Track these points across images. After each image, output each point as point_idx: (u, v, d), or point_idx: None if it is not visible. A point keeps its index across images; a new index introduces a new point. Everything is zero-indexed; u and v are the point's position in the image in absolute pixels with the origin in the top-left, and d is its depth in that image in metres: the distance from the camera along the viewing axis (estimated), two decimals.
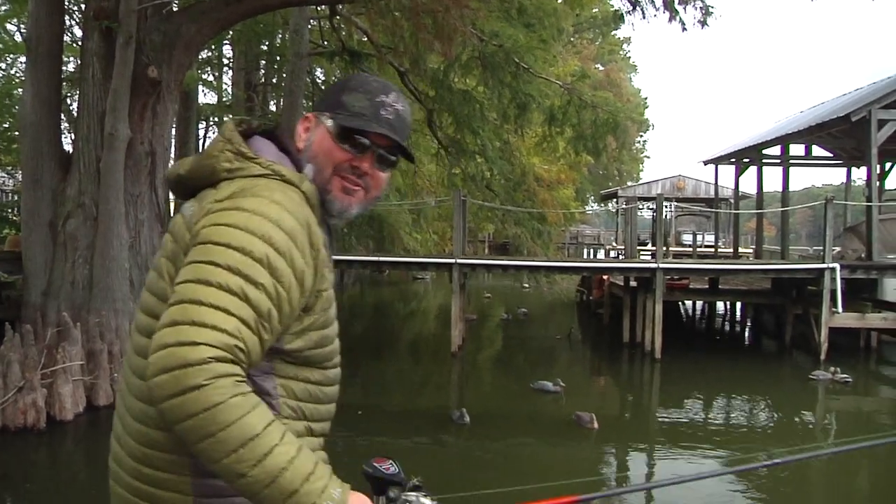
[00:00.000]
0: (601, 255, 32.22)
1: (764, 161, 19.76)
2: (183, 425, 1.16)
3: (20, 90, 13.01)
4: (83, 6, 10.92)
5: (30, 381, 7.78)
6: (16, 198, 17.01)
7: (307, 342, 1.40)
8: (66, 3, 11.62)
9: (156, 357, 1.18)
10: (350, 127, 1.46)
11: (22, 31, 16.80)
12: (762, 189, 20.24)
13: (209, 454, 1.16)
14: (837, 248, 15.39)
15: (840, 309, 12.67)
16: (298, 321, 1.37)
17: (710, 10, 12.18)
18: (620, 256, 22.08)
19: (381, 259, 15.08)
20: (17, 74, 18.32)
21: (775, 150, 19.08)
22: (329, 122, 1.48)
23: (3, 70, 20.73)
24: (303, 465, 1.19)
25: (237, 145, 1.43)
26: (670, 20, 12.09)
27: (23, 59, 11.69)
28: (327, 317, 1.45)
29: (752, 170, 20.55)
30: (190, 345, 1.16)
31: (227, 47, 20.24)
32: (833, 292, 12.61)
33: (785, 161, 18.50)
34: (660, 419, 9.88)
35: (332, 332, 1.48)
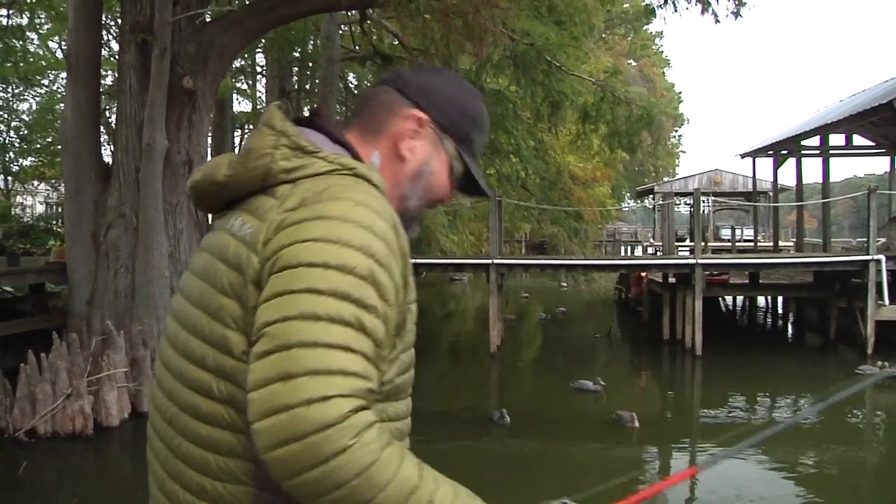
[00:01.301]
0: (638, 252, 31.95)
1: (803, 152, 19.40)
2: (328, 498, 0.93)
3: (62, 105, 13.31)
4: (120, 21, 11.12)
5: (77, 388, 7.96)
6: (60, 210, 17.44)
7: (399, 367, 1.18)
8: (104, 19, 11.85)
9: (273, 423, 0.93)
10: (470, 174, 1.32)
11: (63, 47, 17.21)
12: (801, 181, 19.88)
13: None
14: (883, 239, 15.06)
15: (887, 301, 12.40)
16: (391, 347, 1.13)
17: (744, 0, 12.01)
18: (658, 253, 21.86)
19: (418, 261, 15.08)
20: (60, 90, 18.78)
21: (814, 141, 18.72)
22: (456, 156, 1.30)
23: (47, 86, 21.30)
24: (464, 502, 1.04)
25: (294, 138, 1.16)
26: (703, 12, 11.96)
27: (64, 74, 11.95)
28: (413, 332, 1.24)
29: (791, 161, 20.20)
30: (320, 401, 0.93)
31: (260, 55, 20.49)
32: (879, 284, 12.36)
33: (825, 151, 18.14)
34: (702, 417, 9.77)
35: (412, 350, 1.27)
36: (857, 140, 19.67)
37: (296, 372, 0.94)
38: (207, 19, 9.96)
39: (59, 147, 11.73)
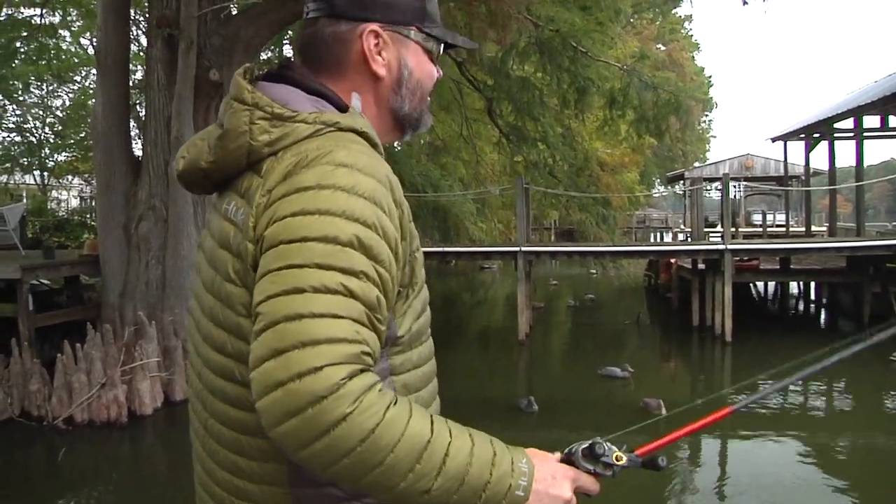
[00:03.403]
0: (668, 238, 31.67)
1: (836, 135, 19.07)
2: (335, 469, 0.93)
3: (94, 101, 13.53)
4: (147, 16, 11.27)
5: (111, 377, 8.15)
6: (94, 204, 17.77)
7: (413, 314, 1.17)
8: (132, 14, 12.02)
9: (270, 402, 0.93)
10: (454, 44, 1.27)
11: (94, 44, 17.48)
12: (834, 164, 19.55)
13: (381, 485, 0.94)
14: None
15: None
16: (402, 299, 1.13)
17: None
18: (688, 239, 21.68)
19: (447, 249, 15.15)
20: (92, 86, 19.09)
21: (848, 123, 18.38)
22: (424, 39, 1.24)
23: (79, 82, 21.67)
24: (484, 452, 1.00)
25: (268, 108, 1.10)
26: None
27: (95, 71, 12.15)
28: (423, 277, 1.20)
29: (824, 145, 19.87)
30: (311, 372, 0.91)
31: (288, 47, 20.58)
32: None
33: (859, 134, 17.82)
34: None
35: (426, 289, 1.23)
36: (893, 122, 19.28)
37: (284, 346, 0.93)
38: (233, 12, 10.04)
39: (92, 142, 11.94)
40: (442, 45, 1.28)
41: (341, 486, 0.98)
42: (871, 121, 18.50)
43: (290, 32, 16.00)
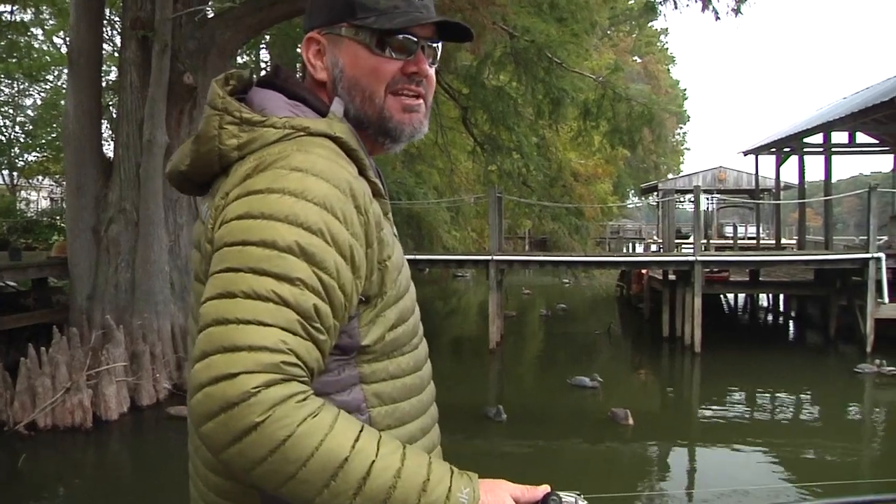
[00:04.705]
0: (640, 249, 31.90)
1: (805, 150, 19.38)
2: (252, 475, 0.93)
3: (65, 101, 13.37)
4: (122, 16, 11.18)
5: (76, 381, 8.03)
6: (65, 205, 17.56)
7: (385, 324, 1.13)
8: (106, 14, 11.91)
9: (195, 402, 0.94)
10: (395, 28, 1.15)
11: (67, 43, 17.29)
12: (804, 178, 19.84)
13: (299, 496, 0.94)
14: (885, 237, 15.04)
15: (886, 299, 12.38)
16: (370, 308, 1.10)
17: None
18: (660, 250, 21.86)
19: (420, 257, 15.10)
20: (64, 86, 18.86)
21: (817, 139, 18.69)
22: (355, 34, 1.16)
23: (51, 82, 21.41)
24: (413, 476, 0.97)
25: (237, 113, 1.10)
26: (703, 9, 11.97)
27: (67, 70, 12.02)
28: (399, 286, 1.16)
29: (794, 159, 20.18)
30: (226, 378, 0.92)
31: (264, 51, 20.51)
32: (879, 282, 12.34)
33: (827, 149, 18.12)
34: (699, 415, 9.79)
35: (409, 300, 1.20)
36: (861, 138, 19.63)
37: (209, 350, 0.94)
38: (209, 15, 9.99)
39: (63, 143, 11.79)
40: (408, 35, 1.17)
41: (268, 492, 0.97)
42: (840, 137, 18.83)
43: (266, 37, 15.98)
